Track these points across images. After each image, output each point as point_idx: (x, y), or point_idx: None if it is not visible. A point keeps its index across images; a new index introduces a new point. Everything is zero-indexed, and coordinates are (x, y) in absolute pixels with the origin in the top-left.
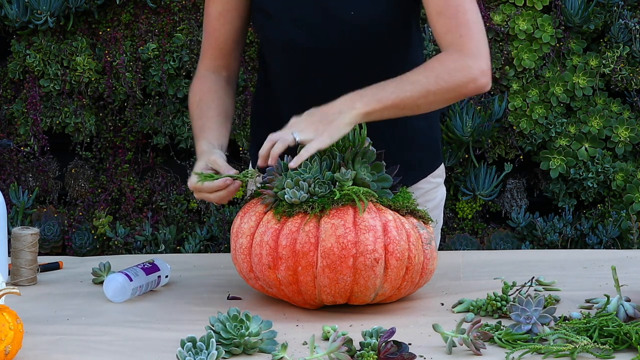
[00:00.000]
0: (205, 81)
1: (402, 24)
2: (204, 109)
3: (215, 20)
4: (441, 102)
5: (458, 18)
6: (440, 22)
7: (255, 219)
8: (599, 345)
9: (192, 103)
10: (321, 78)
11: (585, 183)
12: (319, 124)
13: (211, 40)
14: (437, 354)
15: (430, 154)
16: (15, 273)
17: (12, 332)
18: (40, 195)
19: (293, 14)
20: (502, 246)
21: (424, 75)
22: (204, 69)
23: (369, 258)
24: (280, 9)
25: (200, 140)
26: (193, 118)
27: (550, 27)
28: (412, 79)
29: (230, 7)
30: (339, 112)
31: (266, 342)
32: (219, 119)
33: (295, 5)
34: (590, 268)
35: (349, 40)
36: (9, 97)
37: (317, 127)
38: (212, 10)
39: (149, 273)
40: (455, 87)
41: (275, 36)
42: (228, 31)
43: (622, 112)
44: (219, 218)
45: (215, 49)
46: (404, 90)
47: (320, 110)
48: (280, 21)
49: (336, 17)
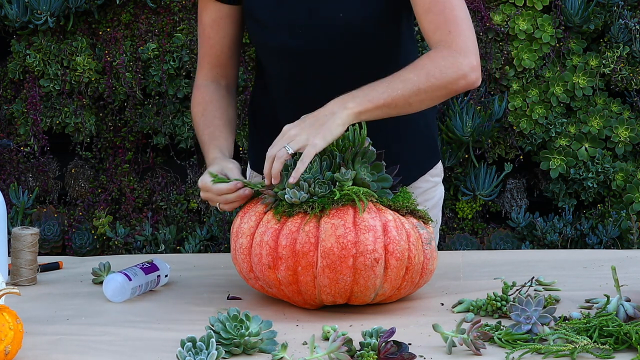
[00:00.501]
0: (206, 91)
1: (393, 22)
2: (209, 118)
3: (209, 29)
4: (433, 99)
5: (446, 14)
6: (428, 19)
7: (255, 219)
8: (599, 345)
9: (197, 113)
10: (317, 80)
11: (585, 183)
12: (310, 127)
13: (207, 49)
14: (437, 354)
15: (427, 152)
16: (15, 273)
17: (12, 332)
18: (40, 195)
19: (283, 20)
20: (502, 246)
21: (415, 73)
22: (203, 79)
23: (369, 258)
24: (270, 15)
25: (211, 148)
26: (199, 127)
27: (550, 27)
28: (403, 77)
29: (223, 15)
30: (331, 113)
31: (266, 342)
32: (226, 129)
33: (285, 11)
34: (590, 268)
35: (340, 42)
36: (9, 97)
37: (309, 131)
38: (206, 19)
39: (148, 273)
40: (446, 84)
41: (268, 42)
42: (223, 39)
43: (622, 112)
44: (219, 218)
45: (213, 57)
46: (395, 89)
47: (312, 114)
48: (271, 27)
49: (326, 20)
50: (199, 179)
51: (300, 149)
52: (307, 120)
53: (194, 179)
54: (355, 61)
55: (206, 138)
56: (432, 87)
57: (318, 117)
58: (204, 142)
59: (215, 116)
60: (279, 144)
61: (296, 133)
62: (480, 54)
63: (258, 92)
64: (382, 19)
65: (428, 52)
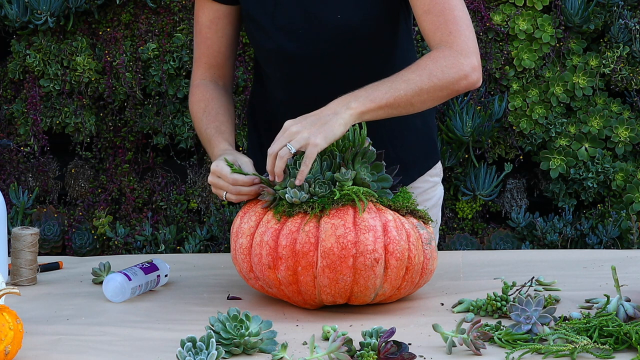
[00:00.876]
0: (206, 89)
1: (391, 23)
2: (213, 114)
3: (206, 29)
4: (435, 99)
5: (446, 15)
6: (429, 20)
7: (255, 219)
8: (599, 345)
9: (198, 110)
10: (315, 82)
11: (585, 183)
12: (312, 126)
13: (204, 49)
14: (437, 354)
15: (426, 152)
16: (15, 273)
17: (12, 332)
18: (40, 195)
19: (281, 23)
20: (502, 246)
21: (417, 73)
22: (200, 78)
23: (369, 258)
24: (268, 18)
25: (220, 140)
26: (202, 122)
27: (550, 27)
28: (405, 77)
29: (221, 15)
30: (334, 112)
31: (266, 342)
32: (230, 126)
33: (283, 14)
34: (590, 268)
35: (339, 43)
36: (9, 97)
37: (310, 130)
38: (203, 19)
39: (148, 272)
40: (448, 84)
41: (266, 45)
42: (220, 39)
43: (622, 112)
44: (219, 218)
45: (210, 57)
46: (398, 89)
47: (314, 112)
48: (269, 30)
49: (324, 22)
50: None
51: (302, 147)
52: (309, 118)
53: (194, 179)
54: (353, 62)
55: (212, 131)
56: (434, 88)
57: (320, 115)
58: (210, 136)
59: (219, 112)
60: (280, 141)
61: (297, 130)
62: (480, 54)
63: (257, 92)
64: (380, 20)
65: (429, 53)
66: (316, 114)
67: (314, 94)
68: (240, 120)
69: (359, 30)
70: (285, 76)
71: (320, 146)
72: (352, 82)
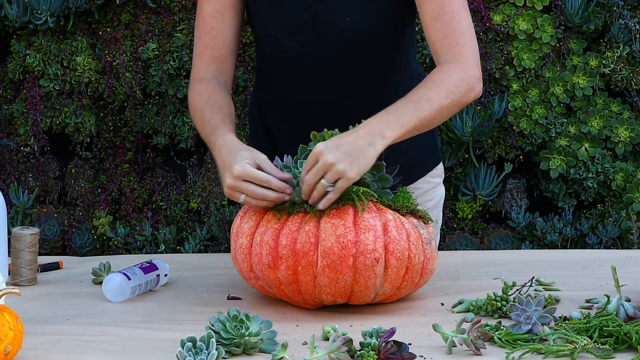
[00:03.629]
0: (209, 83)
1: (397, 26)
2: (216, 106)
3: (212, 19)
4: (450, 115)
5: (454, 25)
6: (437, 27)
7: (255, 218)
8: (599, 345)
9: (200, 101)
10: (319, 84)
11: (585, 183)
12: (348, 158)
13: (208, 40)
14: (437, 354)
15: (427, 153)
16: (15, 273)
17: (12, 332)
18: (40, 195)
19: (289, 24)
20: (502, 246)
21: (436, 91)
22: (203, 72)
23: (369, 258)
24: (276, 19)
25: (226, 131)
26: (204, 113)
27: (550, 27)
28: (427, 96)
29: (227, 5)
30: (369, 143)
31: (266, 342)
32: (233, 120)
33: (291, 15)
34: (590, 268)
35: (344, 46)
36: (9, 97)
37: (346, 162)
38: (209, 10)
39: (148, 272)
40: (461, 98)
41: (272, 46)
42: (226, 29)
43: (622, 112)
44: (219, 218)
45: (214, 49)
46: (422, 110)
47: (350, 138)
48: (276, 31)
49: (333, 25)
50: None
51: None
52: (344, 147)
53: (194, 179)
54: (356, 64)
55: (217, 122)
56: (452, 104)
57: (356, 146)
58: (214, 126)
59: (222, 106)
60: (315, 173)
61: (332, 162)
62: (480, 54)
63: (258, 91)
64: (387, 23)
65: (441, 66)
66: (350, 142)
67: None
68: (240, 120)
69: (367, 33)
70: (288, 76)
71: (352, 180)
72: (358, 85)
